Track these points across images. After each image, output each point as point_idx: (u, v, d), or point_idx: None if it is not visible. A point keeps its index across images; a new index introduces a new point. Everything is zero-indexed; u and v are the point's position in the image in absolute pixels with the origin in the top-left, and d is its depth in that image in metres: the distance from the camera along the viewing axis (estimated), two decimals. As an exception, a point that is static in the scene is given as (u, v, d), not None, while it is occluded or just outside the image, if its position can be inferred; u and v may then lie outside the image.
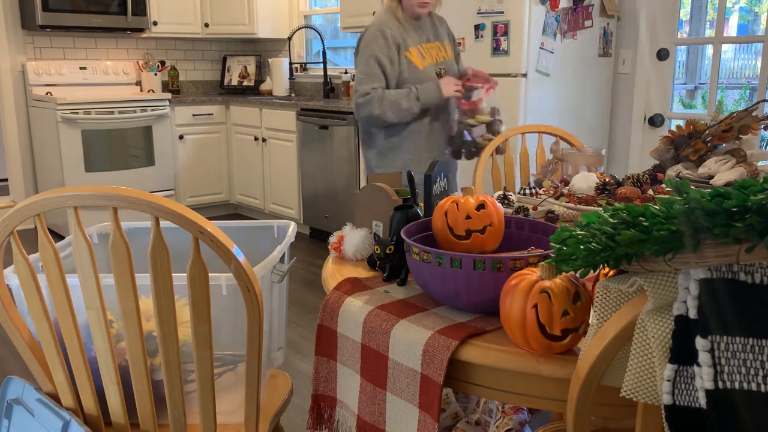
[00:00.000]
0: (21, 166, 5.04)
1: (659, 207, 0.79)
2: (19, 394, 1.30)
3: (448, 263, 1.10)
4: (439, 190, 1.46)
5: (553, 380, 1.00)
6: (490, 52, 3.28)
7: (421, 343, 1.08)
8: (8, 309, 1.21)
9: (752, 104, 1.84)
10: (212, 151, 5.31)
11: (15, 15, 4.86)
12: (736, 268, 0.76)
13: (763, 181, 0.73)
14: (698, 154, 1.82)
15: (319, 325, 1.27)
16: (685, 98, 7.99)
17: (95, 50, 5.26)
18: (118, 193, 1.05)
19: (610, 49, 3.65)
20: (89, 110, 4.59)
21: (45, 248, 1.12)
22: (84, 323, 1.23)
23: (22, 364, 2.81)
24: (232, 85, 5.83)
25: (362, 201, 1.52)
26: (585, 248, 0.85)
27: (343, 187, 4.39)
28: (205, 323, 1.13)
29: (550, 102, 3.35)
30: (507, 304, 1.01)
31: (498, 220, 1.23)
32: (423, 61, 2.42)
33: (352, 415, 1.23)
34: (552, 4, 3.21)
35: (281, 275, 1.45)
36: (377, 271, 1.40)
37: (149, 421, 1.24)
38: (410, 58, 2.39)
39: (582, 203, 1.73)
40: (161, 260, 1.08)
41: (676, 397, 0.80)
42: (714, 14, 4.14)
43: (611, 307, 0.91)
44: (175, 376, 1.18)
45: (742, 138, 1.80)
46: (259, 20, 5.37)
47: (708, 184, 1.73)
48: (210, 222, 1.09)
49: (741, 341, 0.76)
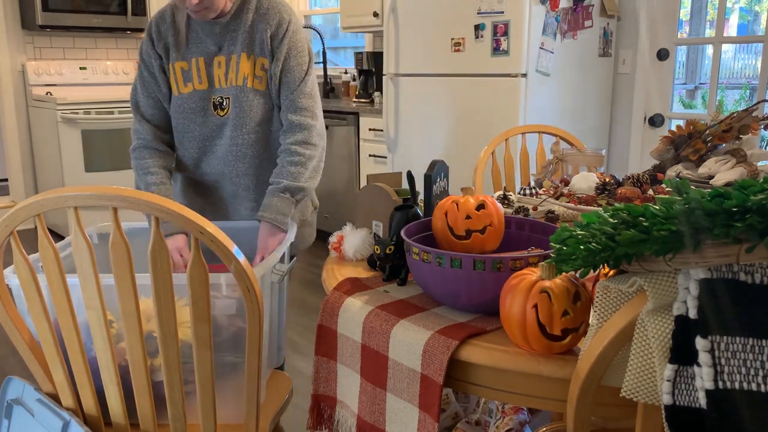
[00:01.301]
0: (21, 166, 5.04)
1: (659, 207, 0.79)
2: (19, 394, 1.30)
3: (448, 263, 1.10)
4: (439, 190, 1.47)
5: (553, 380, 1.00)
6: (490, 52, 3.28)
7: (421, 343, 1.08)
8: (8, 309, 1.21)
9: (752, 104, 1.84)
10: (212, 151, 5.31)
11: (15, 15, 4.86)
12: (736, 268, 0.76)
13: (763, 181, 0.73)
14: (698, 154, 1.82)
15: (319, 325, 1.27)
16: (685, 98, 7.99)
17: (95, 50, 5.26)
18: (118, 193, 1.06)
19: (610, 49, 3.65)
20: (89, 110, 4.59)
21: (45, 248, 1.12)
22: (84, 323, 1.23)
23: (22, 364, 2.81)
24: (232, 85, 5.83)
25: (362, 201, 1.52)
26: (585, 248, 0.85)
27: (343, 187, 4.39)
28: (205, 323, 1.13)
29: (550, 102, 3.36)
30: (507, 304, 1.01)
31: (498, 220, 1.23)
32: (183, 87, 1.73)
33: (352, 415, 1.23)
34: (552, 4, 3.21)
35: (281, 275, 1.45)
36: (377, 271, 1.40)
37: (149, 421, 1.24)
38: (170, 78, 1.75)
39: (582, 203, 1.73)
40: (161, 260, 1.08)
41: (676, 397, 0.80)
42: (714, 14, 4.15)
43: (611, 307, 0.91)
44: (176, 375, 1.18)
45: (742, 138, 1.80)
46: (259, 20, 5.36)
47: (708, 184, 1.73)
48: (210, 222, 1.09)
49: (741, 341, 0.76)
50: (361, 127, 4.18)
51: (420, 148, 3.68)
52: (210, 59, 1.72)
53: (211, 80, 1.72)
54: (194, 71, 1.72)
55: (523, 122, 3.23)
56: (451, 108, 3.48)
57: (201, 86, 1.72)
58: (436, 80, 3.52)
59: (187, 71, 1.72)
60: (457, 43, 3.41)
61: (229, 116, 1.73)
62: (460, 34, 3.38)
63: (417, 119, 3.66)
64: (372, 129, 4.08)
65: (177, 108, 1.74)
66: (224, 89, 1.72)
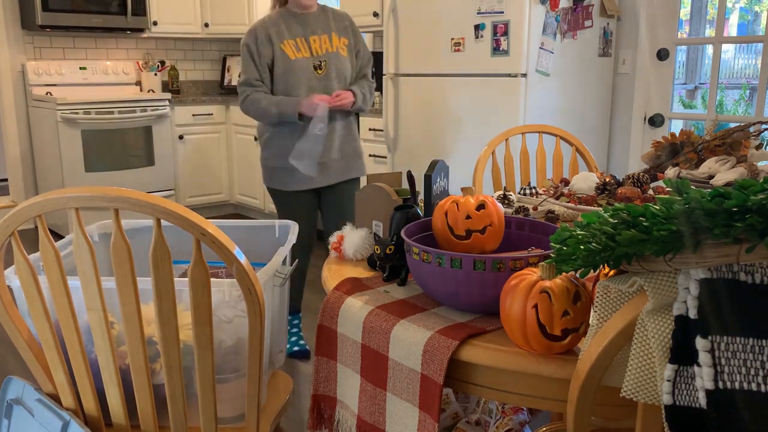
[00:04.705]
0: (21, 166, 5.04)
1: (659, 207, 0.79)
2: (19, 394, 1.30)
3: (448, 263, 1.10)
4: (439, 190, 1.47)
5: (553, 380, 1.00)
6: (490, 52, 3.28)
7: (421, 343, 1.08)
8: (9, 309, 1.21)
9: (751, 124, 1.85)
10: (212, 151, 5.31)
11: (15, 15, 4.86)
12: (736, 268, 0.76)
13: (763, 181, 0.73)
14: (689, 164, 1.84)
15: (319, 325, 1.27)
16: (685, 98, 7.99)
17: (95, 50, 5.26)
18: (120, 194, 1.06)
19: (610, 49, 3.65)
20: (89, 110, 4.59)
21: (46, 249, 1.12)
22: (85, 324, 1.23)
23: (22, 364, 2.81)
24: (232, 85, 5.83)
25: (362, 201, 1.52)
26: (585, 248, 0.85)
27: (343, 187, 4.39)
28: (206, 325, 1.13)
29: (550, 102, 3.36)
30: (507, 304, 1.01)
31: (498, 220, 1.23)
32: (296, 53, 2.59)
33: (352, 415, 1.23)
34: (552, 4, 3.21)
35: (283, 278, 1.45)
36: (377, 271, 1.40)
37: (150, 422, 1.24)
38: (284, 50, 2.57)
39: (582, 203, 1.74)
40: (163, 262, 1.08)
41: (676, 397, 0.80)
42: (714, 14, 4.14)
43: (611, 307, 0.91)
44: (177, 377, 1.18)
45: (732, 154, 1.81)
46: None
47: (708, 184, 1.73)
48: (211, 224, 1.09)
49: (741, 341, 0.76)
50: (361, 126, 4.18)
51: (420, 148, 3.68)
52: (307, 37, 2.62)
53: (312, 49, 2.63)
54: (300, 45, 2.62)
55: (523, 122, 3.23)
56: (451, 108, 3.48)
57: (305, 54, 2.61)
58: (436, 80, 3.52)
59: (295, 46, 2.61)
60: (457, 43, 3.41)
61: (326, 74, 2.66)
62: (460, 34, 3.38)
63: (417, 119, 3.66)
64: (372, 129, 4.08)
65: (289, 69, 2.59)
66: (321, 55, 2.63)
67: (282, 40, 2.58)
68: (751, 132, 1.82)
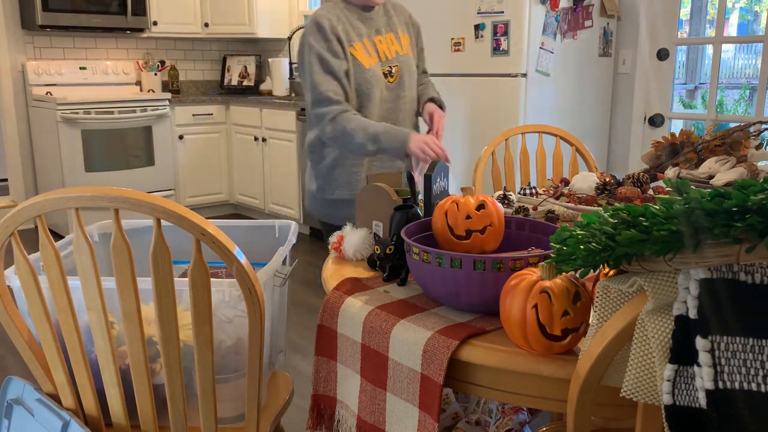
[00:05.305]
0: (21, 165, 5.04)
1: (659, 207, 0.79)
2: (19, 394, 1.30)
3: (448, 263, 1.10)
4: (439, 190, 1.47)
5: (553, 380, 1.00)
6: (490, 52, 3.28)
7: (421, 343, 1.08)
8: (9, 309, 1.21)
9: (751, 124, 1.85)
10: (212, 151, 5.31)
11: (15, 15, 4.86)
12: (736, 268, 0.76)
13: (763, 181, 0.73)
14: (689, 164, 1.84)
15: (319, 325, 1.27)
16: (685, 98, 7.99)
17: (95, 50, 5.26)
18: (120, 194, 1.06)
19: (610, 49, 3.65)
20: (89, 110, 4.59)
21: (46, 249, 1.12)
22: (85, 324, 1.23)
23: (22, 364, 2.81)
24: (232, 85, 5.83)
25: (362, 201, 1.52)
26: (585, 248, 0.85)
27: (343, 187, 4.39)
28: (206, 325, 1.13)
29: (550, 102, 3.36)
30: (507, 304, 1.01)
31: (498, 220, 1.23)
32: (369, 60, 2.11)
33: (352, 415, 1.23)
34: (552, 4, 3.21)
35: (284, 278, 1.45)
36: (377, 271, 1.40)
37: (150, 422, 1.24)
38: (355, 56, 2.08)
39: (582, 203, 1.74)
40: (163, 262, 1.08)
41: (676, 397, 0.80)
42: (714, 14, 4.14)
43: (611, 307, 0.91)
44: (176, 377, 1.18)
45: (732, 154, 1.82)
46: (259, 20, 5.37)
47: (708, 184, 1.73)
48: (211, 224, 1.09)
49: (741, 341, 0.76)
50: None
51: (420, 148, 3.68)
52: (372, 38, 2.17)
53: (380, 53, 2.17)
54: (369, 49, 2.17)
55: (523, 122, 3.23)
56: (451, 108, 3.48)
57: (374, 60, 2.15)
58: (436, 80, 3.52)
59: (365, 50, 2.15)
60: (457, 43, 3.41)
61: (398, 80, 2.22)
62: (460, 34, 3.38)
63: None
64: (372, 129, 4.08)
65: (364, 81, 2.13)
66: (390, 60, 2.19)
67: (351, 43, 2.08)
68: (751, 132, 1.82)
